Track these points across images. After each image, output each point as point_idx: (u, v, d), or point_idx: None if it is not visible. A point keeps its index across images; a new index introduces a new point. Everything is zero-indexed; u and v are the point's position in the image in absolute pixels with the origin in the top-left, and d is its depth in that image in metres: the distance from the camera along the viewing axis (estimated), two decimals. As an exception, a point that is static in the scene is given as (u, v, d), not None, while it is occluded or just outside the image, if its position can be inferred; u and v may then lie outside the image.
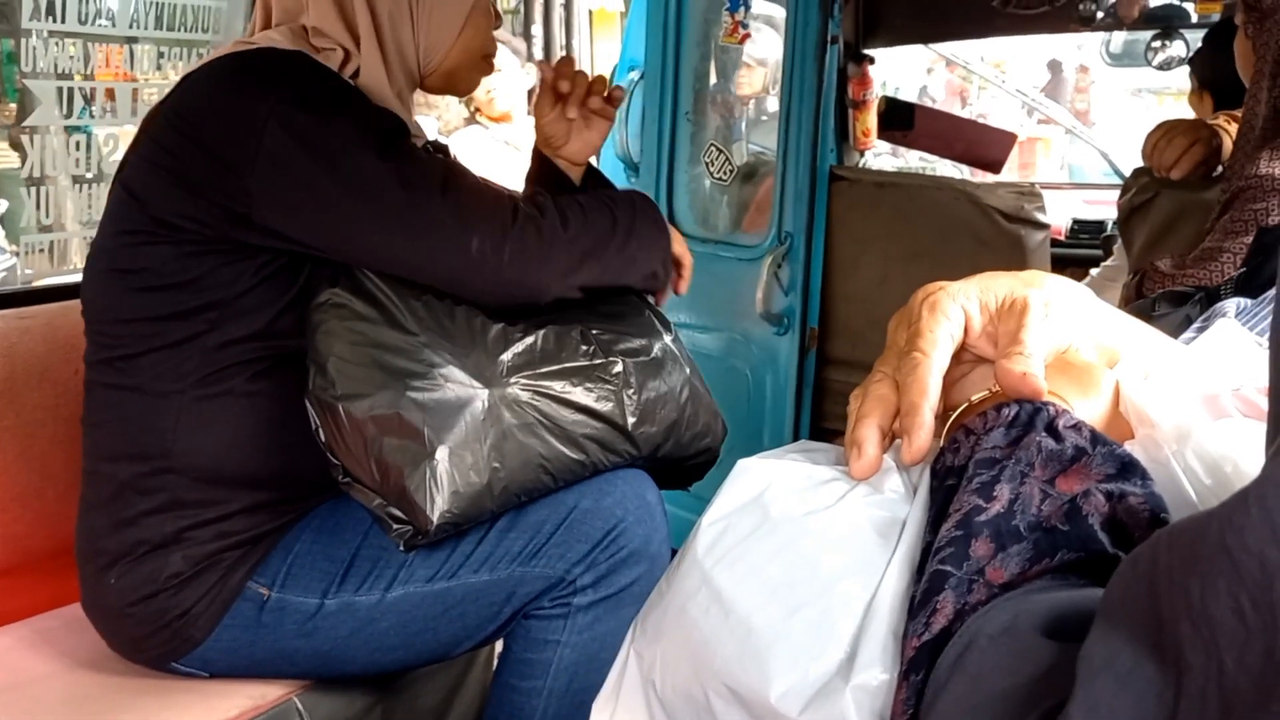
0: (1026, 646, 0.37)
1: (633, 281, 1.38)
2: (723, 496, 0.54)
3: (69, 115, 1.76)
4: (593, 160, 1.59)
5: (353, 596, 1.27)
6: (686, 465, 1.42)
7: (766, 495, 0.52)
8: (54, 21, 1.68)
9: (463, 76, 1.44)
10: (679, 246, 1.47)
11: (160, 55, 1.85)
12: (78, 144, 1.80)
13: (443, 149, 1.44)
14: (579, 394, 1.28)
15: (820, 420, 2.48)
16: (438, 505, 1.18)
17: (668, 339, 1.39)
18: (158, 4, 1.81)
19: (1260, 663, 0.26)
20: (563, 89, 1.47)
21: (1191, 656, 0.28)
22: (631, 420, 1.31)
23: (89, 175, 1.83)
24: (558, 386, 1.27)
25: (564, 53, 4.79)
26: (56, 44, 1.70)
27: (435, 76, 1.40)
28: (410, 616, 1.28)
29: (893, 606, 0.45)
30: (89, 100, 1.79)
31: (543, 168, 1.53)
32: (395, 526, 1.20)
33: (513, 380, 1.25)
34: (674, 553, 1.35)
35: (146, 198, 1.24)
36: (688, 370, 1.39)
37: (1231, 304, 0.75)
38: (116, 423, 1.29)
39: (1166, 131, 1.82)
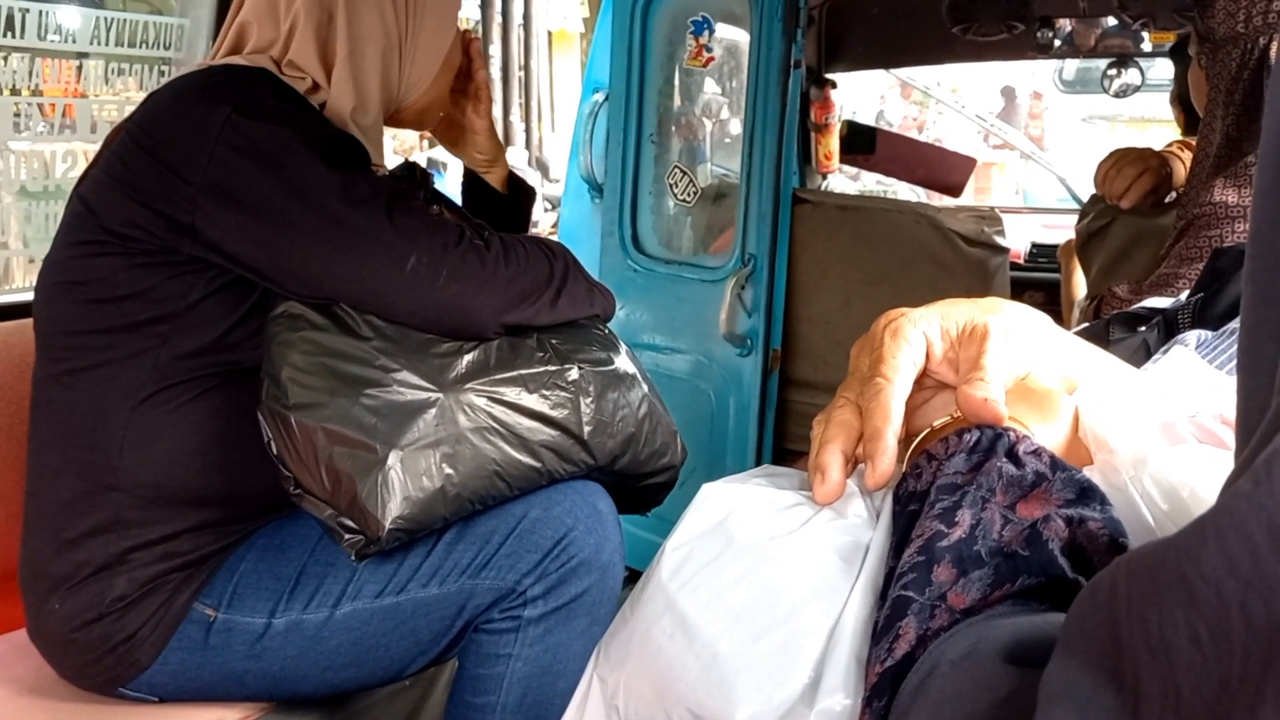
0: (988, 673, 0.38)
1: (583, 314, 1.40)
2: (687, 521, 0.54)
3: (23, 131, 1.74)
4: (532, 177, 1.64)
5: (300, 614, 1.26)
6: (645, 485, 1.42)
7: (730, 520, 0.53)
8: (13, 36, 1.66)
9: (433, 111, 1.47)
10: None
11: (120, 72, 1.83)
12: (25, 161, 1.77)
13: (421, 172, 1.45)
14: (534, 400, 1.28)
15: (782, 441, 2.49)
16: (390, 511, 1.17)
17: (624, 353, 1.39)
18: (118, 20, 1.80)
19: (1216, 691, 0.27)
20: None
21: (1149, 684, 0.29)
22: (588, 429, 1.31)
23: (39, 191, 1.80)
24: (512, 393, 1.27)
25: (523, 73, 4.81)
26: (3, 58, 1.68)
27: (410, 111, 1.43)
28: (360, 634, 1.27)
29: (856, 632, 0.46)
30: (45, 115, 1.77)
31: (469, 183, 1.59)
32: (347, 536, 1.19)
33: (467, 385, 1.25)
34: (630, 570, 1.34)
35: (99, 208, 1.24)
36: (645, 387, 1.39)
37: (1192, 336, 0.77)
38: (61, 439, 1.27)
39: (1116, 161, 1.86)
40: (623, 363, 1.37)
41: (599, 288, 1.43)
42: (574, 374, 1.31)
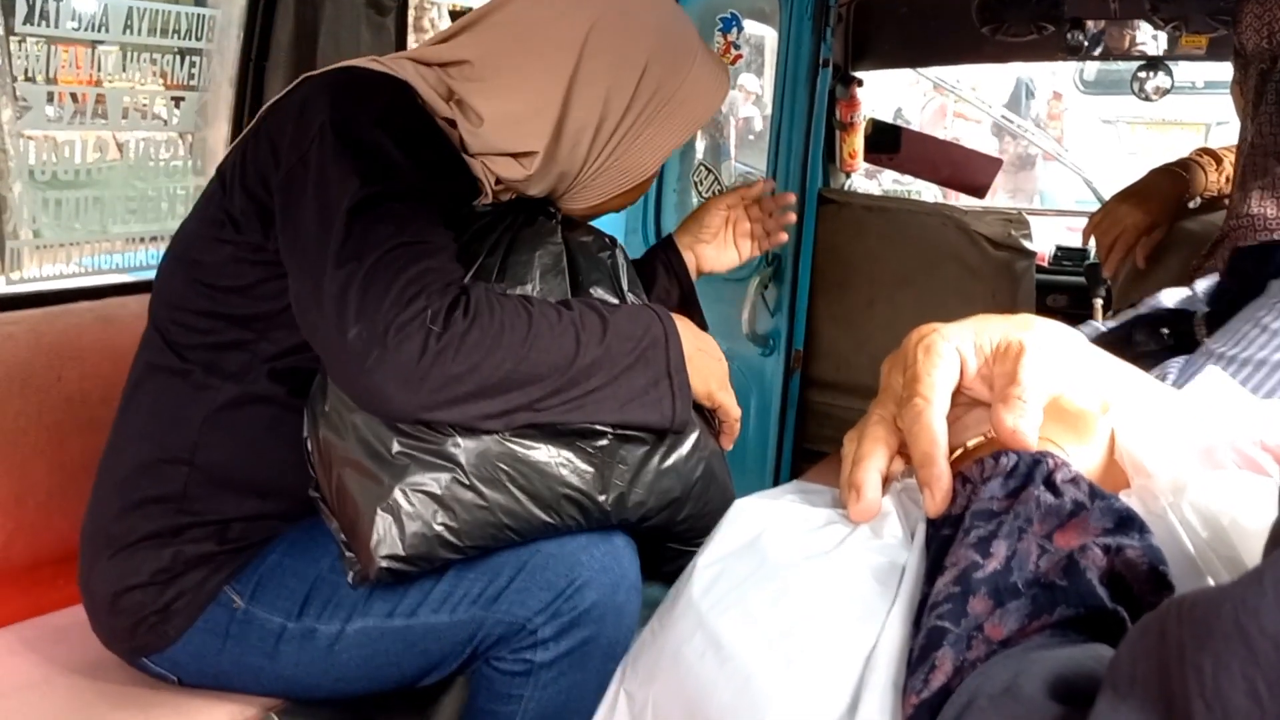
0: (1029, 709, 0.37)
1: (605, 420, 1.22)
2: (719, 537, 0.54)
3: (56, 119, 1.75)
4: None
5: (314, 624, 1.25)
6: (671, 557, 1.34)
7: (764, 538, 0.52)
8: (47, 26, 1.67)
9: (593, 212, 1.41)
10: (723, 395, 1.32)
11: (152, 60, 1.84)
12: (41, 149, 1.78)
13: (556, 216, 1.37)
14: (555, 459, 1.19)
15: (804, 441, 2.49)
16: (383, 549, 1.14)
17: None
18: (150, 11, 1.80)
19: None
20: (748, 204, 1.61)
21: None
22: (608, 497, 1.23)
23: (69, 180, 1.81)
24: (533, 450, 1.19)
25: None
26: (36, 46, 1.69)
27: (581, 208, 1.39)
28: (372, 650, 1.26)
29: (893, 657, 0.45)
30: (77, 102, 1.78)
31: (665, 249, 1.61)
32: (348, 555, 1.19)
33: (488, 436, 1.18)
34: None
35: (230, 186, 1.25)
36: (706, 451, 1.29)
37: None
38: (152, 403, 1.30)
39: (1104, 217, 1.89)
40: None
41: (677, 389, 1.22)
42: (603, 441, 1.22)
